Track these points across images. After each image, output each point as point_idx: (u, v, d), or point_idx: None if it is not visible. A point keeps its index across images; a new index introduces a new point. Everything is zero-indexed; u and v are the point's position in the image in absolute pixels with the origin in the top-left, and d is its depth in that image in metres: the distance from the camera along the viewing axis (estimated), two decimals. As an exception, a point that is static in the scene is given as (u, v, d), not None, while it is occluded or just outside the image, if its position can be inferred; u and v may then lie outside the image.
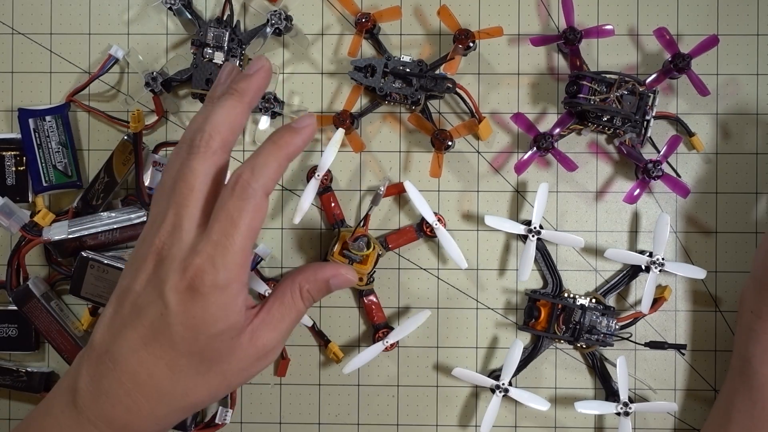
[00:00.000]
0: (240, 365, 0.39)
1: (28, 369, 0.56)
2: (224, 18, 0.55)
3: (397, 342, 0.55)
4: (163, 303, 0.37)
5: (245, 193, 0.37)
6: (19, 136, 0.56)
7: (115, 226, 0.55)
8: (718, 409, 0.53)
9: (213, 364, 0.38)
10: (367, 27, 0.54)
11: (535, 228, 0.55)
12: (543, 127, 0.56)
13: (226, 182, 0.38)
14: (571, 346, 0.57)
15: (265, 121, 0.55)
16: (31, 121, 0.56)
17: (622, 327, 0.56)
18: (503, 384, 0.55)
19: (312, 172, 0.56)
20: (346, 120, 0.55)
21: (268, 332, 0.39)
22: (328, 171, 0.55)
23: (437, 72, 0.55)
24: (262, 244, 0.56)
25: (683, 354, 0.57)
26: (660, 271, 0.54)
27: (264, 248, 0.56)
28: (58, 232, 0.54)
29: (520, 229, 0.55)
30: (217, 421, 0.55)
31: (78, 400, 0.38)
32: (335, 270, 0.41)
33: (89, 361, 0.39)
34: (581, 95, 0.53)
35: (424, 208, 0.54)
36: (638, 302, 0.56)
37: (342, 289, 0.42)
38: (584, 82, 0.53)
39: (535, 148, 0.54)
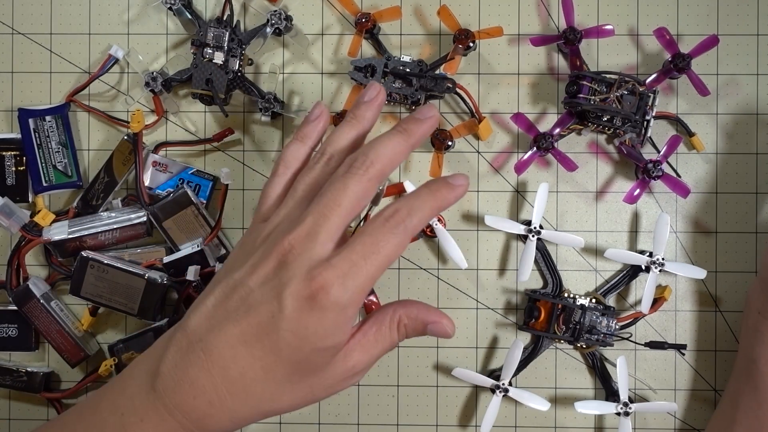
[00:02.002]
0: (329, 381, 0.39)
1: (28, 369, 0.56)
2: (224, 18, 0.55)
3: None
4: (279, 306, 0.36)
5: (398, 227, 0.37)
6: (19, 136, 0.56)
7: (115, 226, 0.55)
8: (723, 410, 0.53)
9: (306, 376, 0.38)
10: (367, 27, 0.54)
11: (535, 228, 0.55)
12: (543, 127, 0.56)
13: (379, 212, 0.38)
14: (571, 346, 0.57)
15: (265, 122, 0.55)
16: (31, 121, 0.56)
17: (622, 327, 0.56)
18: (503, 384, 0.55)
19: (312, 172, 0.55)
20: (346, 120, 0.55)
21: (360, 354, 0.39)
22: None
23: (437, 72, 0.55)
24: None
25: (683, 354, 0.57)
26: (660, 271, 0.54)
27: None
28: (58, 232, 0.54)
29: (520, 229, 0.55)
30: (217, 421, 0.55)
31: (158, 384, 0.37)
32: (438, 317, 0.41)
33: (178, 346, 0.38)
34: (581, 95, 0.53)
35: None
36: (638, 302, 0.56)
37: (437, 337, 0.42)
38: (584, 82, 0.53)
39: (535, 148, 0.54)
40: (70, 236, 0.54)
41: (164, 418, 0.37)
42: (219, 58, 0.54)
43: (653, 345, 0.56)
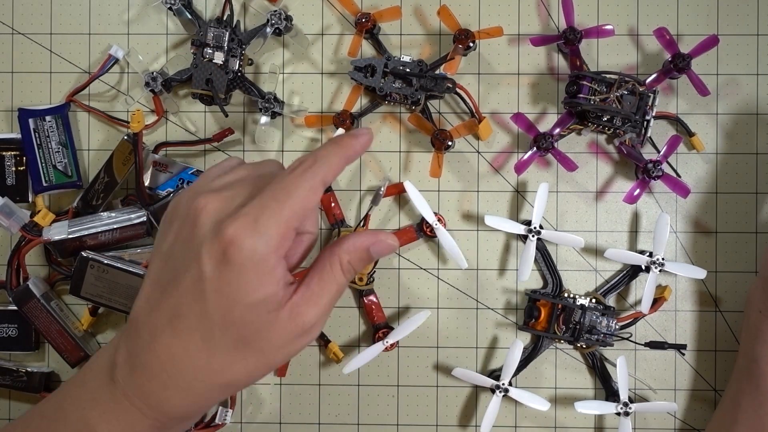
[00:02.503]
0: (279, 342, 0.37)
1: (28, 369, 0.56)
2: (224, 18, 0.55)
3: (397, 342, 0.55)
4: (198, 269, 0.35)
5: (306, 173, 0.36)
6: (19, 136, 0.56)
7: (115, 226, 0.55)
8: (724, 409, 0.53)
9: (250, 341, 0.36)
10: (367, 27, 0.54)
11: (535, 228, 0.55)
12: (543, 127, 0.56)
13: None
14: (571, 346, 0.57)
15: (264, 122, 0.55)
16: (31, 121, 0.56)
17: (622, 327, 0.56)
18: (503, 384, 0.55)
19: (312, 172, 0.55)
20: (346, 120, 0.55)
21: (308, 308, 0.37)
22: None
23: (437, 72, 0.55)
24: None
25: (683, 354, 0.57)
26: (660, 271, 0.54)
27: None
28: (58, 232, 0.54)
29: (520, 229, 0.55)
30: (217, 421, 0.55)
31: (115, 374, 0.37)
32: (375, 237, 0.39)
33: (128, 334, 0.37)
34: (581, 95, 0.53)
35: (424, 208, 0.54)
36: (638, 302, 0.56)
37: (384, 256, 0.39)
38: (584, 82, 0.53)
39: (535, 148, 0.54)
40: (70, 236, 0.54)
41: (126, 408, 0.37)
42: (219, 58, 0.54)
43: (653, 345, 0.56)
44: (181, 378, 0.36)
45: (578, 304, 0.55)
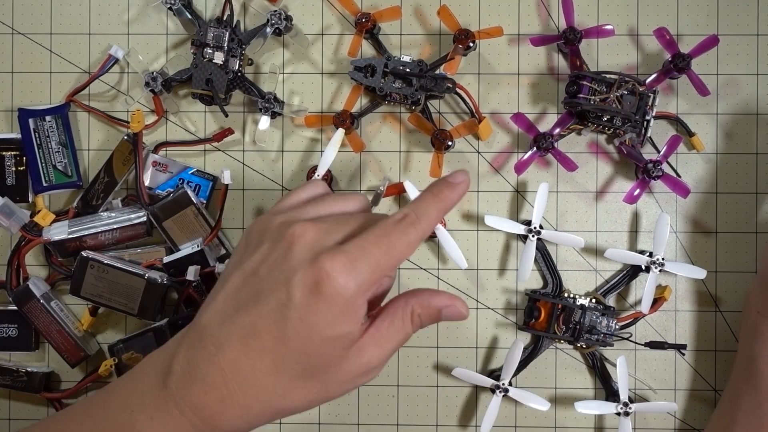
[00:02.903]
0: (342, 378, 0.38)
1: (28, 369, 0.56)
2: (224, 18, 0.55)
3: (397, 342, 0.55)
4: (287, 293, 0.35)
5: (410, 227, 0.37)
6: (19, 136, 0.56)
7: (115, 226, 0.55)
8: (723, 409, 0.53)
9: (317, 372, 0.37)
10: (367, 27, 0.54)
11: (535, 228, 0.55)
12: (543, 127, 0.56)
13: (388, 216, 0.38)
14: (571, 346, 0.57)
15: (265, 121, 0.55)
16: (31, 121, 0.56)
17: (622, 327, 0.56)
18: (503, 384, 0.55)
19: (312, 172, 0.55)
20: (346, 120, 0.55)
21: (374, 349, 0.38)
22: (328, 171, 0.55)
23: (437, 72, 0.55)
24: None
25: (683, 354, 0.57)
26: (660, 271, 0.54)
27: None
28: (58, 232, 0.54)
29: (520, 229, 0.55)
30: (217, 421, 0.55)
31: (170, 381, 0.37)
32: (450, 301, 0.39)
33: (189, 343, 0.37)
34: (581, 95, 0.53)
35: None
36: (638, 302, 0.56)
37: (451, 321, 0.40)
38: (584, 82, 0.53)
39: (535, 148, 0.54)
40: (70, 236, 0.54)
41: (175, 417, 0.36)
42: (219, 58, 0.54)
43: (653, 345, 0.56)
44: (241, 396, 0.36)
45: (578, 304, 0.55)
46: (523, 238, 0.56)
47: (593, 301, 0.56)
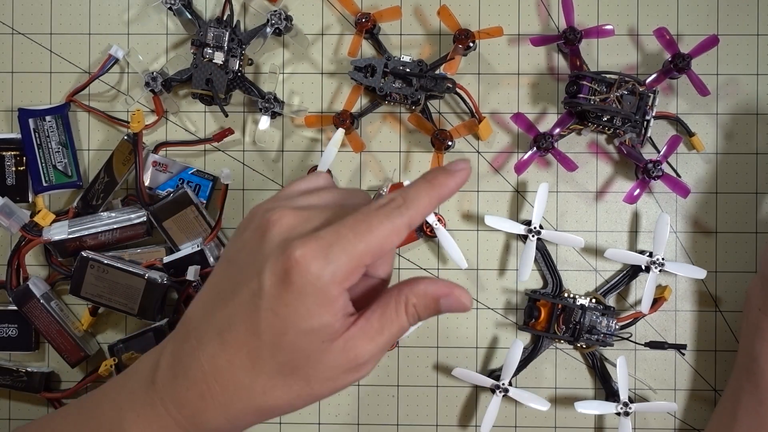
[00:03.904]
0: (327, 374, 0.35)
1: (28, 369, 0.56)
2: (224, 18, 0.55)
3: (397, 342, 0.55)
4: (258, 283, 0.33)
5: (393, 212, 0.34)
6: (19, 136, 0.56)
7: (115, 226, 0.55)
8: (723, 407, 0.53)
9: (298, 367, 0.34)
10: (367, 27, 0.54)
11: (535, 228, 0.55)
12: (543, 127, 0.56)
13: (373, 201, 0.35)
14: (571, 346, 0.57)
15: (265, 121, 0.55)
16: (31, 121, 0.56)
17: (622, 327, 0.56)
18: (503, 384, 0.55)
19: (312, 171, 0.56)
20: (346, 120, 0.55)
21: (363, 343, 0.34)
22: (329, 171, 0.55)
23: (437, 72, 0.55)
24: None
25: (683, 354, 0.57)
26: (660, 271, 0.54)
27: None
28: (58, 232, 0.54)
29: (520, 229, 0.55)
30: (217, 421, 0.55)
31: (157, 377, 0.36)
32: (449, 289, 0.36)
33: (176, 338, 0.36)
34: (581, 95, 0.53)
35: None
36: (638, 302, 0.56)
37: (453, 313, 0.37)
38: (584, 82, 0.53)
39: (535, 148, 0.54)
40: (70, 236, 0.54)
41: (160, 414, 0.36)
42: (219, 58, 0.54)
43: (653, 345, 0.56)
44: (220, 392, 0.35)
45: (578, 304, 0.55)
46: (523, 238, 0.56)
47: (593, 301, 0.56)
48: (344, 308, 0.34)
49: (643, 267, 0.55)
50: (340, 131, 0.54)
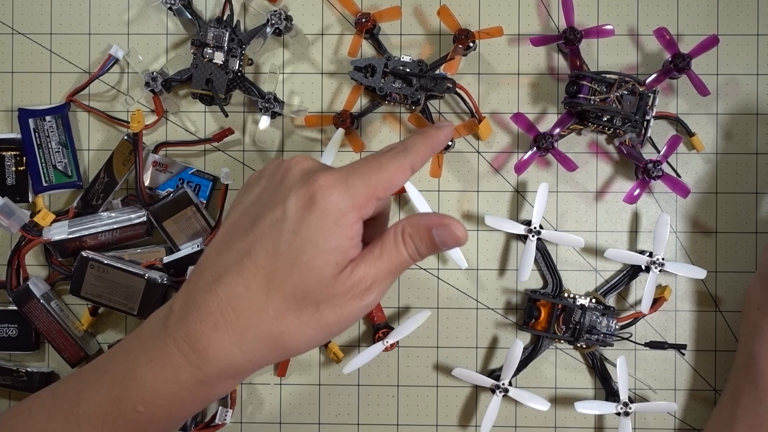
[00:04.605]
0: (335, 300, 0.37)
1: (28, 369, 0.56)
2: (224, 18, 0.55)
3: (397, 342, 0.55)
4: (282, 210, 0.36)
5: (398, 154, 0.38)
6: (19, 136, 0.56)
7: (115, 226, 0.55)
8: (723, 406, 0.53)
9: (309, 291, 0.36)
10: (367, 27, 0.54)
11: (535, 228, 0.55)
12: (543, 127, 0.56)
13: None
14: (571, 346, 0.57)
15: (265, 121, 0.55)
16: (31, 121, 0.56)
17: (622, 327, 0.56)
18: (503, 384, 0.55)
19: (312, 172, 0.55)
20: (346, 120, 0.55)
21: (366, 268, 0.37)
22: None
23: (437, 72, 0.55)
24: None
25: (683, 354, 0.57)
26: (660, 271, 0.54)
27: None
28: (58, 232, 0.54)
29: (520, 229, 0.55)
30: (217, 421, 0.55)
31: (170, 320, 0.37)
32: (441, 220, 0.38)
33: (189, 282, 0.38)
34: (581, 95, 0.53)
35: (424, 208, 0.54)
36: (638, 302, 0.56)
37: (450, 247, 0.38)
38: (584, 82, 0.53)
39: (535, 148, 0.54)
40: (70, 236, 0.54)
41: (171, 354, 0.37)
42: (219, 58, 0.54)
43: (653, 345, 0.56)
44: (235, 319, 0.36)
45: (578, 304, 0.55)
46: (523, 238, 0.56)
47: (593, 301, 0.56)
48: (357, 235, 0.37)
49: (643, 267, 0.55)
50: (340, 131, 0.54)
